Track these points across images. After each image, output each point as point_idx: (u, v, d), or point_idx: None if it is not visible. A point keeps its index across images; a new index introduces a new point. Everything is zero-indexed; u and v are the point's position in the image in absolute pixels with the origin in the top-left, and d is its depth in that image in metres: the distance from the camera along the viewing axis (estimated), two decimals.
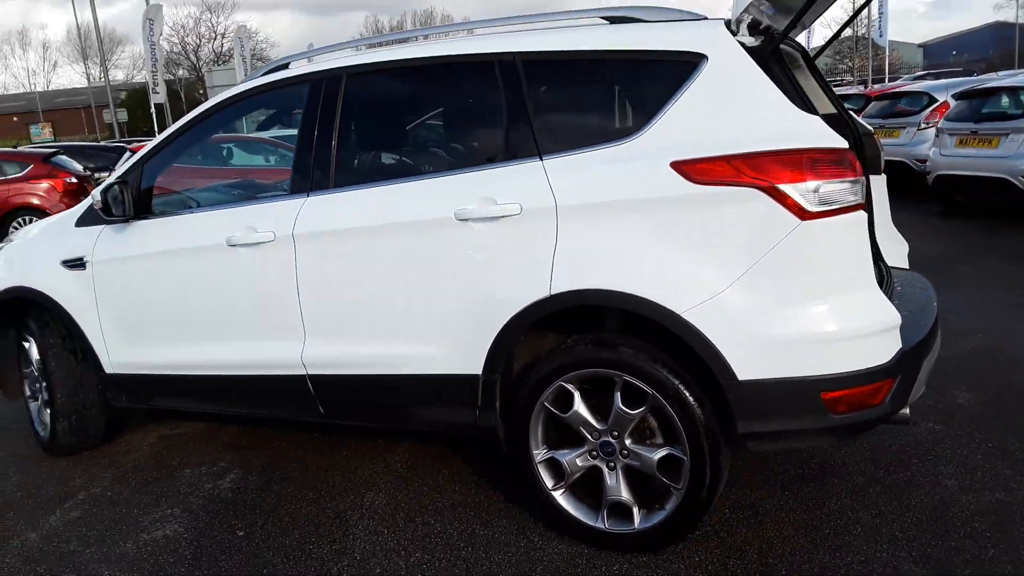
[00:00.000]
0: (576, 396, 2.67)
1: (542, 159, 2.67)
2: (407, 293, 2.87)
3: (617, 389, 2.60)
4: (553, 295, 2.59)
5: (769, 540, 2.72)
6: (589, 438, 2.68)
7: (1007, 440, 3.31)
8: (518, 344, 2.77)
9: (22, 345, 3.95)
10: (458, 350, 2.81)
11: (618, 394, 2.60)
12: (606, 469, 2.68)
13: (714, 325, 2.42)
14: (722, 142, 2.45)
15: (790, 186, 2.35)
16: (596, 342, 2.66)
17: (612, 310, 2.65)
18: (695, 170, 2.44)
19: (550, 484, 2.78)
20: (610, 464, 2.67)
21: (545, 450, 2.78)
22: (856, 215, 2.41)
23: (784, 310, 2.40)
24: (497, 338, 2.72)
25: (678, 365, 2.52)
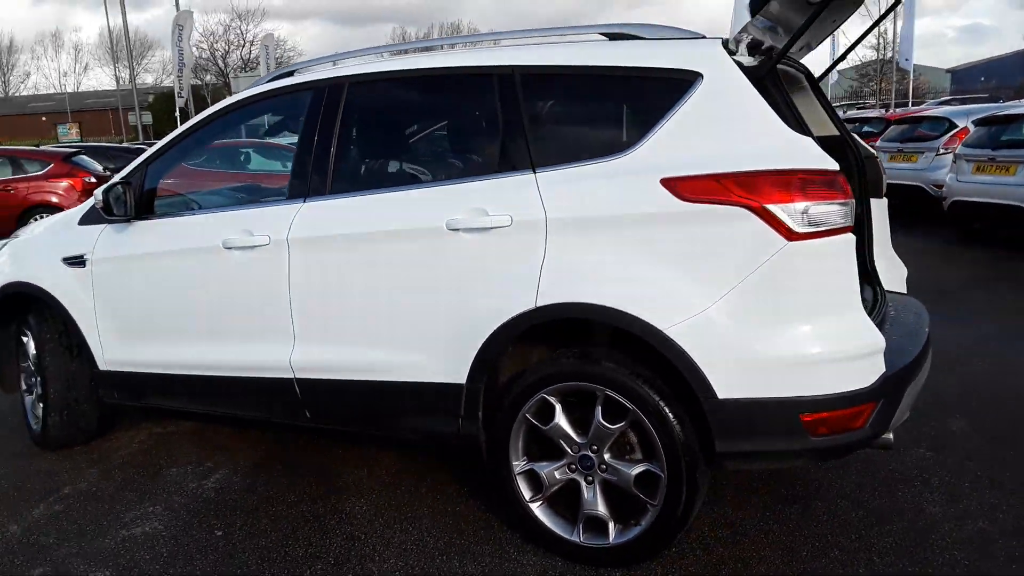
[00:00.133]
0: (558, 408, 2.66)
1: (535, 172, 2.67)
2: (396, 300, 2.87)
3: (598, 403, 2.58)
4: (539, 307, 2.59)
5: (745, 560, 2.68)
6: (568, 451, 2.67)
7: (996, 469, 3.25)
8: (504, 355, 2.76)
9: (21, 340, 4.00)
10: (443, 358, 2.81)
11: (599, 408, 2.58)
12: (584, 483, 2.66)
13: (696, 343, 2.40)
14: (713, 160, 2.44)
15: (779, 206, 2.34)
16: (579, 356, 2.66)
17: (598, 324, 2.64)
18: (684, 187, 2.43)
19: (528, 496, 2.76)
20: (588, 478, 2.66)
21: (525, 461, 2.77)
22: (844, 237, 2.39)
23: (767, 330, 2.38)
24: (482, 348, 2.71)
25: (660, 381, 2.51)
